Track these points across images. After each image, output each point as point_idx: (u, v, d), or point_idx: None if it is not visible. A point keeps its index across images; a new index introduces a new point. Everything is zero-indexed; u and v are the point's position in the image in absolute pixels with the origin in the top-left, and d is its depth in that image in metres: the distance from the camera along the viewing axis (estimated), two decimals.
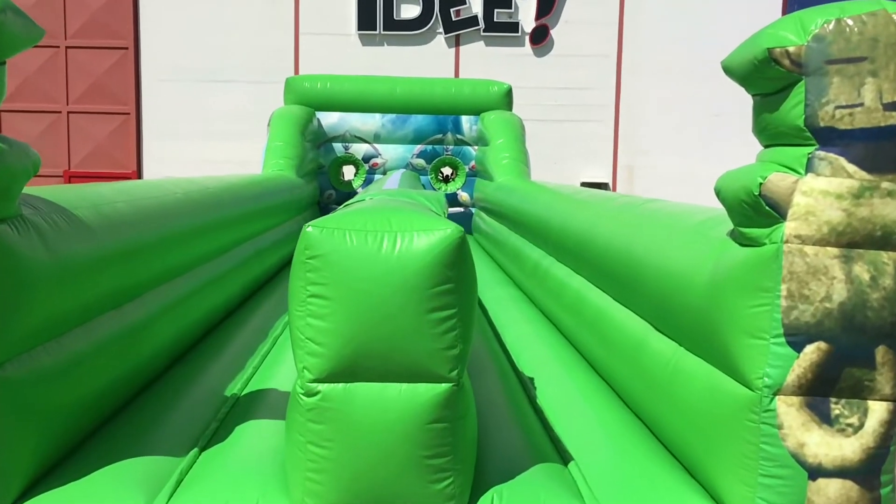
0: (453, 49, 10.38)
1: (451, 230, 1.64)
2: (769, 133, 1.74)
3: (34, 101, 10.28)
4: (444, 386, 1.66)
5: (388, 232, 1.64)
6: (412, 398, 1.65)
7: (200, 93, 10.23)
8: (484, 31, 10.33)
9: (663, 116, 10.41)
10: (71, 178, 10.28)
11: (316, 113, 7.50)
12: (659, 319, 2.29)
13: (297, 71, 10.27)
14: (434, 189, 7.64)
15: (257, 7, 10.25)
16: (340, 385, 1.65)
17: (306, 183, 6.90)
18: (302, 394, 1.65)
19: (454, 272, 1.64)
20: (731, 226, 1.86)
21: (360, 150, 7.57)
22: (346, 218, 1.66)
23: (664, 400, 2.13)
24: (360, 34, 10.29)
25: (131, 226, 2.36)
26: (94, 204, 2.19)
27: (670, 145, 10.42)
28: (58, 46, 10.20)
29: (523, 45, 10.38)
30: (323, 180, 7.58)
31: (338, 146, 7.61)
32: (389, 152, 7.59)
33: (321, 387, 1.64)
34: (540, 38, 10.35)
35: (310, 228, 1.63)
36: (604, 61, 10.41)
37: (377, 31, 10.25)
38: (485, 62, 10.22)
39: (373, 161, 7.60)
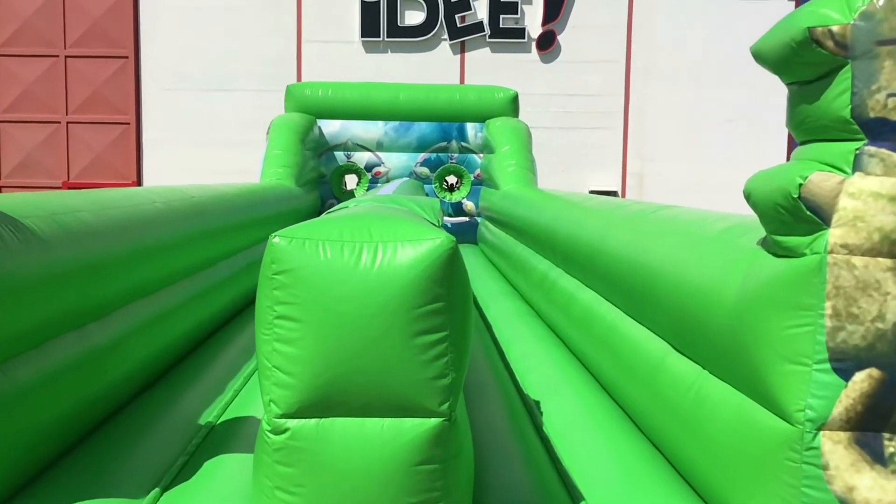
0: (458, 56, 10.18)
1: (441, 240, 1.41)
2: (808, 127, 1.51)
3: (33, 111, 10.13)
4: (434, 421, 1.43)
5: (369, 242, 1.41)
6: (397, 436, 1.42)
7: (202, 102, 10.05)
8: (490, 37, 10.12)
9: (674, 122, 10.17)
10: (70, 188, 10.11)
11: (317, 121, 7.32)
12: (679, 339, 2.06)
13: (299, 79, 10.08)
14: (439, 199, 7.43)
15: (259, 14, 10.08)
16: (313, 421, 1.42)
17: (306, 192, 6.70)
18: (269, 431, 1.43)
19: (445, 289, 1.41)
20: (761, 233, 1.63)
21: (362, 158, 7.38)
22: (320, 227, 1.44)
23: (686, 431, 1.89)
24: (363, 41, 10.11)
25: (96, 237, 2.14)
26: (51, 213, 1.97)
27: (681, 152, 10.17)
28: (57, 56, 10.05)
29: (530, 51, 10.16)
30: (324, 190, 7.38)
31: (340, 155, 7.42)
32: (393, 161, 7.39)
33: (290, 423, 1.41)
34: (547, 43, 10.14)
35: (276, 239, 1.40)
36: (612, 66, 10.19)
37: (381, 38, 10.06)
38: (491, 69, 10.01)
39: (375, 170, 7.40)
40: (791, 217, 1.45)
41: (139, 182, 10.27)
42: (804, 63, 1.45)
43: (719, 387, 1.78)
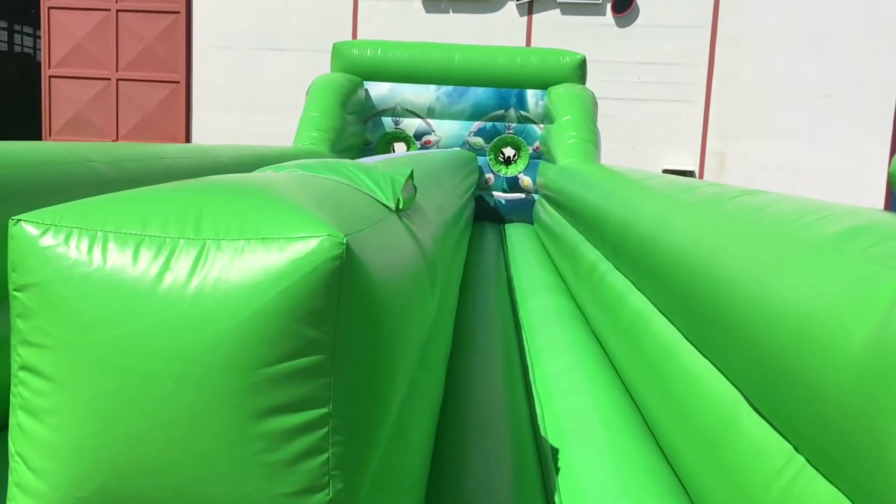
0: (525, 18, 9.38)
1: (319, 240, 0.76)
2: None
3: (84, 66, 9.83)
4: None
5: (188, 240, 0.77)
6: None
7: (253, 61, 9.57)
8: None
9: (762, 97, 9.15)
10: None
11: (364, 83, 6.72)
12: (761, 393, 1.36)
13: (354, 39, 9.48)
14: (494, 172, 6.75)
15: None
16: None
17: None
18: None
19: (325, 330, 0.77)
20: None
21: (411, 125, 6.77)
22: (107, 206, 0.81)
23: None
24: (424, 0, 9.41)
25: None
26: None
27: (769, 130, 9.15)
28: (108, 10, 9.69)
29: (604, 13, 9.29)
30: None
31: (387, 120, 6.83)
32: (444, 129, 6.76)
33: None
34: (624, 5, 9.24)
35: (20, 225, 0.78)
36: (696, 33, 9.20)
37: None
38: (560, 33, 9.19)
39: (425, 138, 6.79)
40: None
41: (188, 143, 9.89)
42: None
43: (826, 489, 1.09)
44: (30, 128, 10.15)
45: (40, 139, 9.84)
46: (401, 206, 1.30)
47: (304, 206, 0.81)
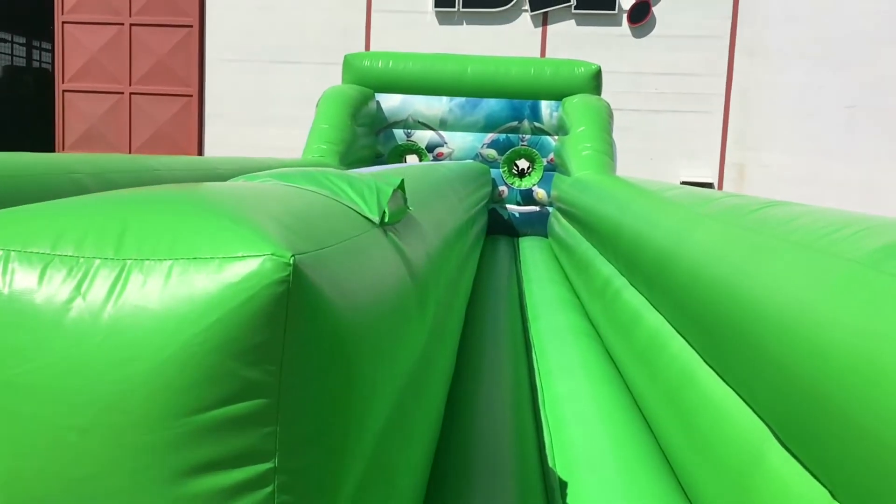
0: (540, 29, 9.27)
1: (262, 261, 0.63)
2: None
3: (97, 80, 9.82)
4: None
5: (107, 260, 0.64)
6: None
7: (265, 74, 9.51)
8: (575, 7, 9.16)
9: (783, 107, 8.96)
10: None
11: (376, 95, 6.62)
12: (793, 431, 1.21)
13: (367, 51, 9.40)
14: (508, 185, 6.62)
15: None
16: None
17: None
18: None
19: (269, 368, 0.64)
20: None
21: (423, 137, 6.66)
22: (16, 220, 0.68)
23: None
24: (437, 11, 9.33)
25: None
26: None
27: (791, 141, 8.96)
28: (122, 24, 9.69)
29: (620, 24, 9.15)
30: None
31: (399, 133, 6.72)
32: (457, 141, 6.64)
33: None
34: (640, 15, 9.10)
35: None
36: (714, 43, 9.04)
37: (456, 9, 9.25)
38: (575, 43, 9.07)
39: (438, 150, 6.67)
40: None
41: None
42: None
43: None
44: (46, 142, 10.15)
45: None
46: (387, 220, 1.17)
47: (249, 220, 0.68)
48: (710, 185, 9.18)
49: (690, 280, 1.83)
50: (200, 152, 9.81)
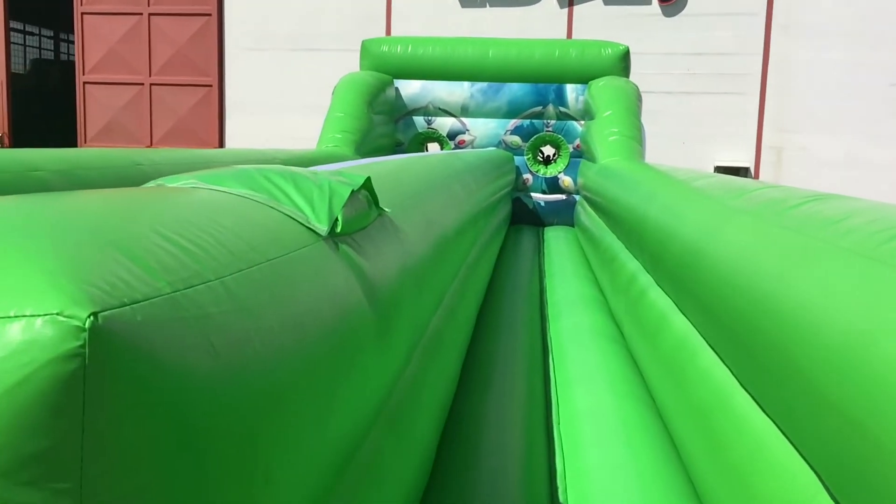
0: (566, 10, 8.96)
1: (42, 323, 0.41)
2: None
3: (117, 71, 9.73)
4: None
5: None
6: None
7: (285, 63, 9.34)
8: None
9: (822, 87, 8.57)
10: None
11: (395, 81, 6.40)
12: (849, 488, 0.98)
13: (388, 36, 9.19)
14: (532, 173, 6.36)
15: None
16: None
17: None
18: None
19: (61, 485, 0.41)
20: None
21: (444, 124, 6.44)
22: None
23: None
24: None
25: None
26: None
27: (830, 123, 8.56)
28: (140, 13, 9.57)
29: (650, 3, 8.81)
30: None
31: (419, 120, 6.50)
32: (479, 128, 6.41)
33: None
34: None
35: None
36: (749, 21, 8.67)
37: None
38: (603, 24, 8.75)
39: (459, 138, 6.45)
40: None
41: (221, 147, 9.71)
42: None
43: None
44: (71, 135, 10.10)
45: (76, 147, 9.76)
46: (339, 230, 0.95)
47: (40, 256, 0.46)
48: (745, 170, 8.83)
49: (719, 284, 1.59)
50: (221, 142, 9.68)
